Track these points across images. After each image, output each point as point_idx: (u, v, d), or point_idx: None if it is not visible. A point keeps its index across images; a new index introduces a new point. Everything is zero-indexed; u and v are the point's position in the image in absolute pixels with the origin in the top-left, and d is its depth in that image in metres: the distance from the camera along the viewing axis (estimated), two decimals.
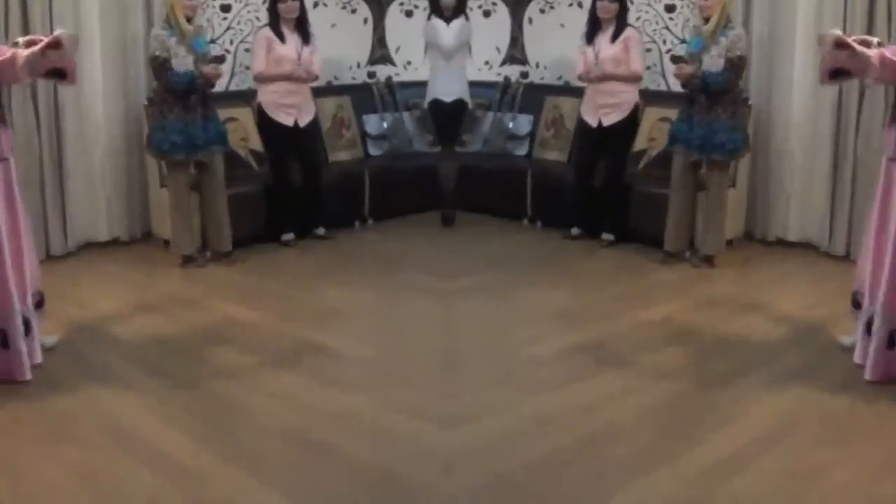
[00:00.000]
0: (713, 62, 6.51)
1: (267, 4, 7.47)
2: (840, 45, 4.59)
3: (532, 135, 8.61)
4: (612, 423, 4.33)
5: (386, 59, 9.24)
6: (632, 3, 8.14)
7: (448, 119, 8.16)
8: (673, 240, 6.90)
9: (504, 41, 9.17)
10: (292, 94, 7.36)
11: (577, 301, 6.24)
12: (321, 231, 7.70)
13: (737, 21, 7.06)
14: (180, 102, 6.61)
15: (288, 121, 7.38)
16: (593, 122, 7.44)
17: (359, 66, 9.01)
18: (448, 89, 8.04)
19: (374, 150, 8.70)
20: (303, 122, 7.46)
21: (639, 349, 5.27)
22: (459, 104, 8.13)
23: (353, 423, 4.32)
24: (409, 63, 9.18)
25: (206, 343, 5.37)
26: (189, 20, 6.66)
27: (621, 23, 7.30)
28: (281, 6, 7.28)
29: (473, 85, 8.33)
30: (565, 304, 6.17)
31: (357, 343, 5.45)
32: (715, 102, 6.56)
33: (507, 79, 8.98)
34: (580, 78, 7.50)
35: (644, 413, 4.48)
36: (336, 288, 6.48)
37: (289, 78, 7.29)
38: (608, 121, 7.36)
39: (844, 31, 6.59)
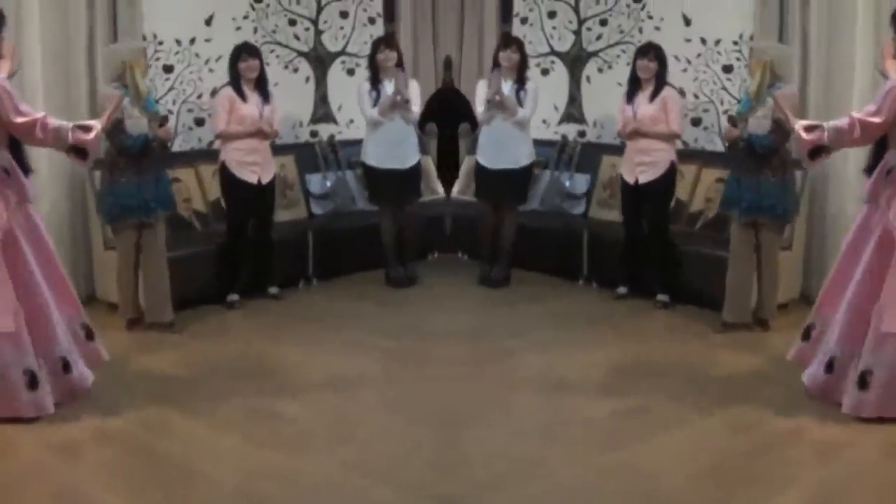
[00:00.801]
0: (759, 123, 6.48)
1: (228, 64, 7.55)
2: (807, 128, 4.72)
3: (589, 194, 8.60)
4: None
5: (328, 117, 9.27)
6: (689, 63, 8.21)
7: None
8: (732, 309, 6.78)
9: (562, 100, 9.20)
10: (255, 152, 7.44)
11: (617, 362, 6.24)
12: (274, 290, 7.74)
13: (794, 82, 7.02)
14: (133, 164, 6.60)
15: (252, 178, 7.44)
16: (630, 180, 7.48)
17: (301, 124, 9.02)
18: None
19: (317, 210, 8.67)
20: (265, 180, 7.53)
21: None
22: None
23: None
24: (351, 121, 9.18)
25: (149, 405, 5.36)
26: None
27: (660, 82, 7.37)
28: (241, 66, 7.42)
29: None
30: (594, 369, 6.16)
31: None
32: (763, 164, 6.53)
33: (564, 137, 9.01)
34: (619, 135, 7.58)
35: (698, 476, 4.46)
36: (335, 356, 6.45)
37: (252, 135, 7.39)
38: (644, 178, 7.39)
39: None
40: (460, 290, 8.12)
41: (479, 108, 8.01)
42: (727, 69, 8.04)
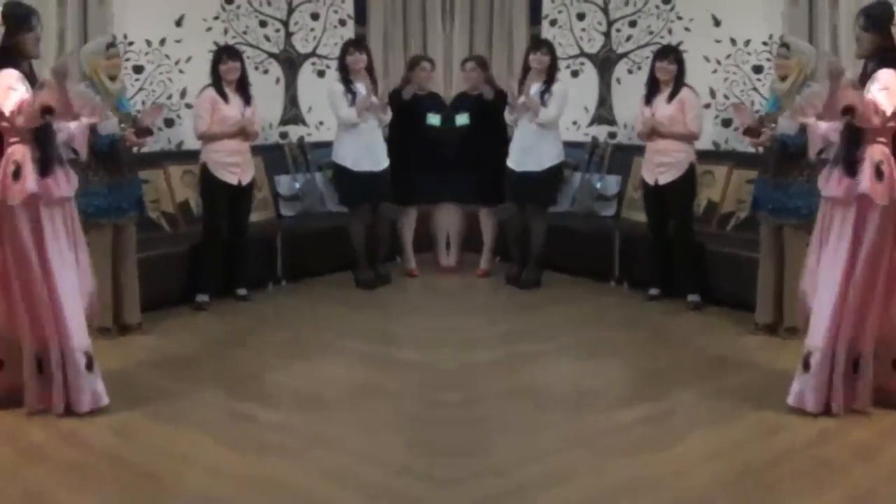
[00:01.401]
0: (789, 124, 6.43)
1: (210, 66, 7.59)
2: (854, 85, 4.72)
3: (620, 195, 8.62)
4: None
5: (298, 119, 9.31)
6: (719, 64, 8.21)
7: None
8: (763, 311, 6.76)
9: (592, 101, 9.21)
10: (236, 154, 7.50)
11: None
12: (243, 292, 7.74)
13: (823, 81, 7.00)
14: (103, 165, 6.57)
15: (232, 179, 7.48)
16: (651, 181, 7.53)
17: (270, 126, 9.02)
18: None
19: (286, 211, 8.72)
20: (245, 181, 7.57)
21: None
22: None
23: None
24: (321, 123, 9.22)
25: (115, 407, 5.25)
26: (113, 79, 6.62)
27: (679, 83, 7.41)
28: (222, 68, 7.48)
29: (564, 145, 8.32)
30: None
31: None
32: (792, 165, 6.51)
33: (594, 139, 9.03)
34: (638, 136, 7.65)
35: (730, 480, 4.46)
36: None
37: (234, 136, 7.44)
38: (664, 179, 7.43)
39: None
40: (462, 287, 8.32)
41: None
42: (757, 69, 8.05)
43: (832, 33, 7.44)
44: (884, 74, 4.92)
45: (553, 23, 9.32)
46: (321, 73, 9.32)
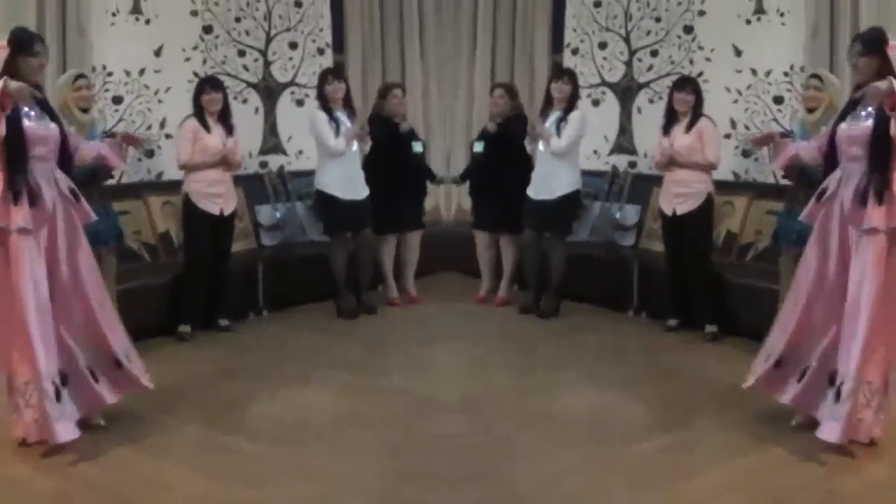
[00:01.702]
0: (813, 155, 6.34)
1: (192, 96, 7.58)
2: None
3: (639, 225, 8.60)
4: None
5: (278, 148, 9.29)
6: (740, 94, 8.21)
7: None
8: None
9: (613, 130, 9.21)
10: (218, 184, 7.48)
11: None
12: (225, 322, 7.70)
13: None
14: (82, 194, 6.46)
15: (214, 209, 7.47)
16: (668, 211, 7.52)
17: (250, 155, 8.98)
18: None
19: (267, 241, 8.68)
20: (227, 211, 7.57)
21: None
22: None
23: None
24: (300, 152, 9.23)
25: (96, 438, 5.26)
26: (85, 111, 6.75)
27: (697, 113, 7.40)
28: (204, 98, 7.47)
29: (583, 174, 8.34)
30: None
31: None
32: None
33: (615, 168, 9.03)
34: (656, 166, 7.66)
35: None
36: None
37: (215, 166, 7.44)
38: (682, 209, 7.42)
39: None
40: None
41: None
42: (778, 100, 8.04)
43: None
44: None
45: (575, 51, 9.34)
46: (300, 102, 9.32)
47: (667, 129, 7.52)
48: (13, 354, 5.03)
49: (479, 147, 8.53)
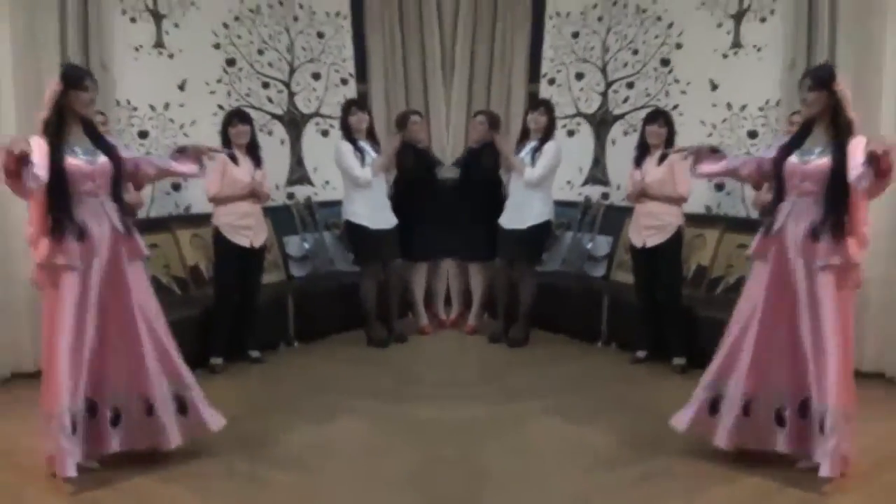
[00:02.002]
0: None
1: (220, 129, 7.55)
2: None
3: (610, 256, 8.58)
4: None
5: (304, 179, 9.31)
6: (714, 128, 8.22)
7: None
8: None
9: (587, 161, 9.20)
10: (248, 216, 7.46)
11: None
12: (255, 354, 7.70)
13: None
14: None
15: (245, 242, 7.44)
16: (638, 243, 7.50)
17: (277, 187, 8.98)
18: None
19: (296, 272, 8.67)
20: (257, 243, 7.53)
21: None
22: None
23: None
24: (327, 182, 9.24)
25: (135, 475, 5.24)
26: None
27: (669, 147, 7.36)
28: (232, 131, 7.44)
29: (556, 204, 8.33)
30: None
31: None
32: None
33: (587, 199, 9.01)
34: (628, 198, 7.65)
35: None
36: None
37: (244, 198, 7.42)
38: (651, 242, 7.40)
39: None
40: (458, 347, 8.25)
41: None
42: (752, 135, 8.05)
43: None
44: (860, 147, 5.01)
45: (552, 82, 9.35)
46: (325, 133, 9.34)
47: (639, 161, 7.51)
48: (42, 386, 5.12)
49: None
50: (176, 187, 8.35)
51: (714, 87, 8.32)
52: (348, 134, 8.05)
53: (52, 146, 5.05)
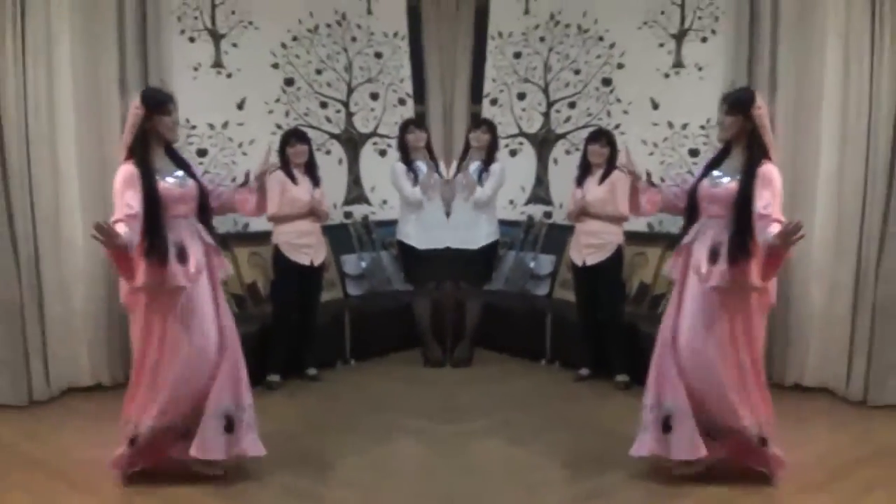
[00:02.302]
0: None
1: (278, 149, 7.55)
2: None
3: (554, 275, 8.58)
4: None
5: (362, 198, 9.29)
6: (656, 147, 8.26)
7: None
8: None
9: (529, 181, 9.21)
10: (307, 235, 7.50)
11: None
12: (313, 371, 7.73)
13: None
14: None
15: (305, 260, 7.49)
16: (578, 262, 7.55)
17: (335, 206, 8.97)
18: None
19: (353, 290, 8.67)
20: (317, 261, 7.57)
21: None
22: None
23: None
24: (384, 202, 9.22)
25: (184, 487, 5.27)
26: None
27: (611, 166, 7.45)
28: (290, 150, 7.49)
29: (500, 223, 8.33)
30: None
31: None
32: None
33: (530, 218, 9.01)
34: (568, 217, 7.69)
35: None
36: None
37: (304, 217, 7.46)
38: (591, 260, 7.46)
39: (866, 184, 6.77)
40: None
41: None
42: (693, 153, 8.09)
43: (770, 120, 7.47)
44: (771, 174, 5.17)
45: (494, 102, 9.34)
46: (383, 153, 9.30)
47: (580, 180, 7.56)
48: (126, 392, 5.37)
49: None
50: None
51: (655, 106, 8.36)
52: (405, 152, 8.09)
53: (144, 172, 5.19)
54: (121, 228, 5.00)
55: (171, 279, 5.18)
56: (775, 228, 4.94)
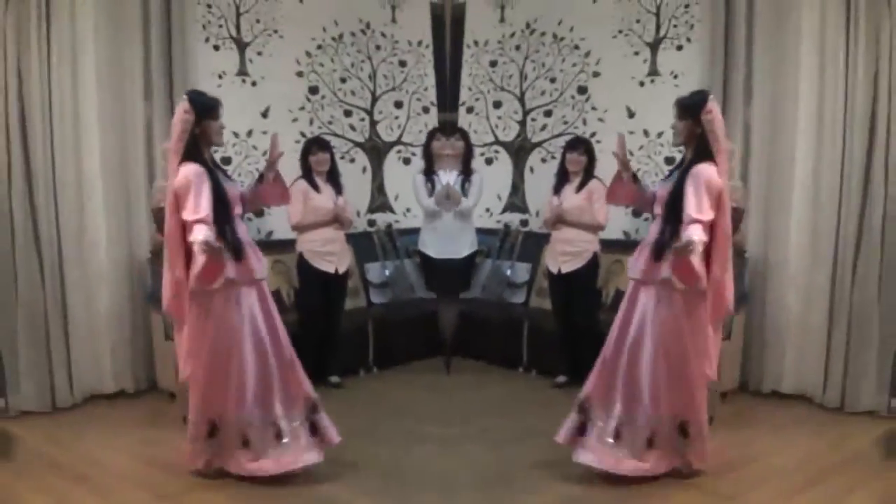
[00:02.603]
0: None
1: (300, 157, 7.60)
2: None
3: (530, 283, 8.57)
4: None
5: (385, 206, 9.29)
6: (632, 155, 8.25)
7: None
8: None
9: (505, 189, 9.21)
10: (331, 243, 7.53)
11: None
12: (336, 379, 7.73)
13: (735, 175, 7.11)
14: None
15: (329, 268, 7.52)
16: (554, 269, 7.59)
17: (359, 214, 9.01)
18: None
19: (376, 298, 8.65)
20: (341, 269, 7.60)
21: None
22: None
23: None
24: (408, 210, 9.24)
25: (204, 493, 5.30)
26: None
27: (588, 174, 7.50)
28: (312, 159, 7.53)
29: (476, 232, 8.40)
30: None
31: None
32: None
33: (506, 226, 9.01)
34: (545, 224, 7.73)
35: None
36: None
37: (327, 225, 7.48)
38: (567, 268, 7.50)
39: (841, 190, 6.78)
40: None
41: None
42: (669, 161, 8.09)
43: (744, 130, 7.52)
44: (699, 172, 5.23)
45: (470, 110, 9.34)
46: (407, 161, 9.30)
47: (558, 188, 7.59)
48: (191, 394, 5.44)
49: None
50: (258, 214, 8.26)
51: (631, 114, 8.37)
52: (429, 159, 8.18)
53: (211, 173, 5.32)
54: (205, 230, 5.08)
55: (238, 274, 5.35)
56: (693, 231, 5.04)
